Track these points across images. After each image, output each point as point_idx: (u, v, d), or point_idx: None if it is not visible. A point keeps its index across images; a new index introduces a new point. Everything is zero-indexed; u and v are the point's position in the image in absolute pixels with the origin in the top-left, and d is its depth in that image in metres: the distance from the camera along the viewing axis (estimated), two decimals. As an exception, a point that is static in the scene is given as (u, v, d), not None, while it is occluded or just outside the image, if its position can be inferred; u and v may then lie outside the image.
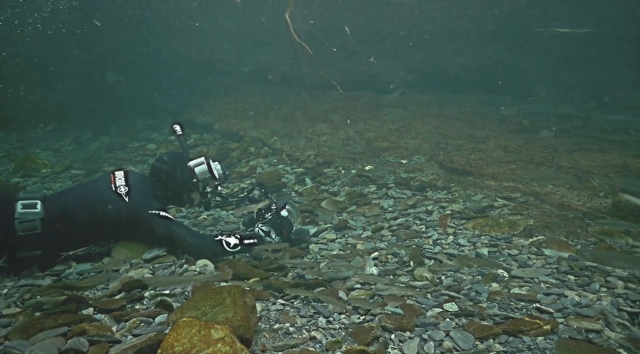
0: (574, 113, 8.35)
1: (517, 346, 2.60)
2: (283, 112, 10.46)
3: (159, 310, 2.49)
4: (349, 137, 8.54)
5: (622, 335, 2.75)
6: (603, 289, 3.36)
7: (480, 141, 7.81)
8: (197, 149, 9.23)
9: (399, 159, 7.45)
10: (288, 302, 3.01)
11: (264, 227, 4.33)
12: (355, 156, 7.69)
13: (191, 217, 5.80)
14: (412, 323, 2.81)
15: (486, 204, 5.50)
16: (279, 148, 8.37)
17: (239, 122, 10.15)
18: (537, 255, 4.12)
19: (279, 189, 6.79)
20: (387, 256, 4.29)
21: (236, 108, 11.23)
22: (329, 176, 7.03)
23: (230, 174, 7.52)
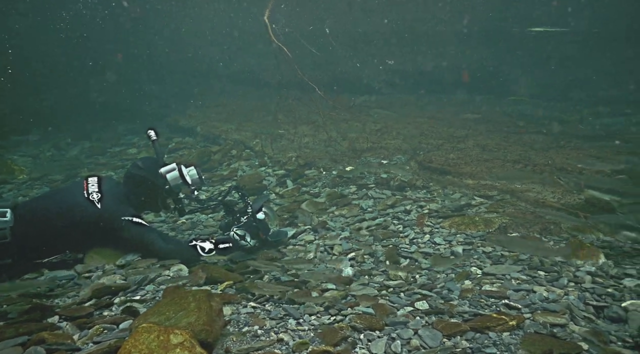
0: (552, 114, 8.50)
1: (483, 342, 2.63)
2: (266, 114, 10.45)
3: (124, 316, 2.48)
4: (330, 138, 8.56)
5: (586, 329, 2.81)
6: (571, 284, 3.43)
7: (460, 140, 7.90)
8: (179, 152, 9.18)
9: (379, 160, 7.50)
10: (259, 305, 3.01)
11: (239, 231, 4.32)
12: (337, 157, 7.71)
13: (170, 222, 5.76)
14: (382, 322, 2.83)
15: (464, 203, 5.56)
16: (261, 150, 8.36)
17: (222, 125, 10.11)
18: (511, 252, 4.18)
19: (259, 192, 6.78)
20: (363, 256, 4.32)
21: (219, 111, 11.18)
22: (310, 178, 7.04)
23: (211, 177, 7.50)
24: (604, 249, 4.18)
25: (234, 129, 9.75)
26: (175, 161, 4.52)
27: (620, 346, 2.63)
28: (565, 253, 3.89)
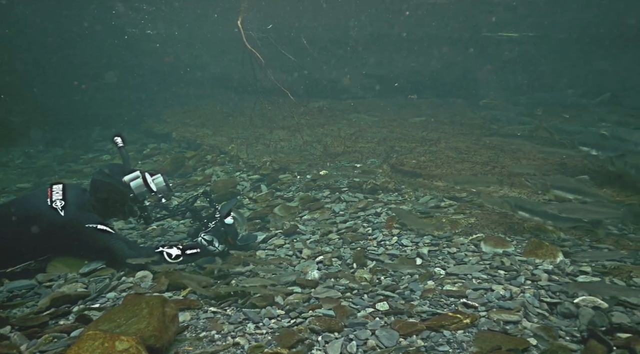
0: (518, 118, 8.71)
1: (438, 341, 2.70)
2: (242, 119, 10.45)
3: (76, 325, 2.46)
4: (306, 142, 8.61)
5: (537, 325, 2.90)
6: (528, 282, 3.53)
7: (432, 143, 8.04)
8: (153, 158, 9.09)
9: (353, 163, 7.57)
10: (220, 309, 3.02)
11: (206, 236, 4.31)
12: (311, 161, 7.75)
13: (140, 229, 5.70)
14: (342, 324, 2.87)
15: (433, 205, 5.66)
16: (236, 155, 8.35)
17: (197, 130, 10.06)
18: (474, 252, 4.28)
19: (233, 197, 6.76)
20: (331, 260, 4.36)
21: (195, 116, 11.12)
22: (284, 182, 7.07)
23: (185, 183, 7.45)
24: (563, 248, 4.33)
25: (210, 134, 9.72)
26: (140, 168, 4.49)
27: (568, 341, 2.73)
28: (437, 227, 4.72)
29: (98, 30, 13.37)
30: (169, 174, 7.91)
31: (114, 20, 13.41)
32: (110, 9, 12.25)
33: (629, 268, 3.75)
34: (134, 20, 13.77)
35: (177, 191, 7.12)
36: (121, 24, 13.74)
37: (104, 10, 12.56)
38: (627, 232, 4.70)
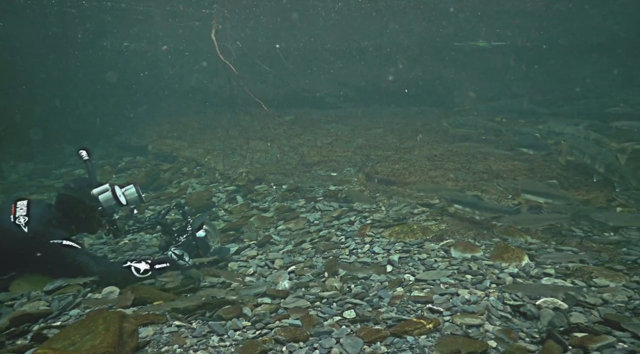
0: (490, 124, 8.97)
1: (401, 347, 2.73)
2: (219, 130, 10.43)
3: (31, 344, 2.41)
4: (283, 152, 8.63)
5: (499, 327, 2.96)
6: (493, 286, 3.60)
7: (407, 151, 8.16)
8: (129, 171, 8.99)
9: (329, 172, 7.63)
10: (185, 323, 2.99)
11: (176, 250, 4.28)
12: (288, 172, 7.78)
13: (111, 243, 5.61)
14: (307, 333, 2.88)
15: (406, 212, 5.73)
16: (213, 167, 8.32)
17: (174, 143, 10.00)
18: (444, 257, 4.34)
19: (208, 209, 6.73)
20: (303, 269, 4.36)
21: (171, 128, 11.05)
22: (260, 193, 7.06)
23: (159, 196, 7.38)
24: (529, 251, 4.43)
25: (186, 146, 9.66)
26: (109, 181, 4.44)
27: (527, 342, 2.79)
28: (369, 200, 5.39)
29: (72, 45, 13.23)
30: (144, 188, 7.82)
31: (88, 33, 13.30)
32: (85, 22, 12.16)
33: (591, 268, 3.86)
34: (109, 34, 13.68)
35: (152, 203, 7.04)
36: (95, 38, 13.62)
37: (78, 23, 12.44)
38: (591, 234, 4.84)
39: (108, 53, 13.15)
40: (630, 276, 3.70)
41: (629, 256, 4.23)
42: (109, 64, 12.49)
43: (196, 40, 12.41)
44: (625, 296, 3.28)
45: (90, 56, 12.81)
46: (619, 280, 3.61)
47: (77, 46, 12.67)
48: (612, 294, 3.32)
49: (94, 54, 12.72)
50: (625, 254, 4.29)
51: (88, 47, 12.77)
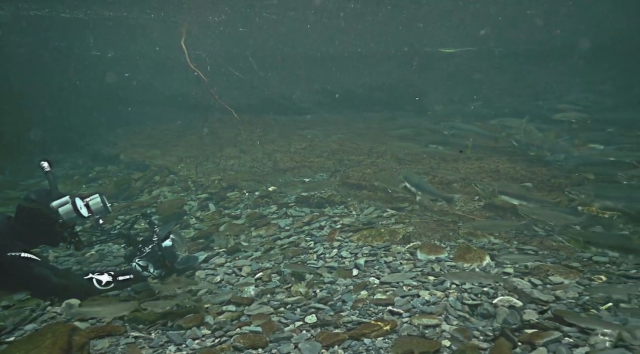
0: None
1: (358, 349, 2.77)
2: (193, 138, 10.36)
3: (-23, 360, 2.36)
4: (256, 159, 8.63)
5: (455, 327, 3.03)
6: (453, 286, 3.68)
7: (379, 156, 8.26)
8: (99, 181, 8.84)
9: (302, 178, 7.66)
10: (144, 334, 2.97)
11: (141, 261, 4.23)
12: (261, 178, 7.78)
13: (78, 255, 5.51)
14: (267, 340, 2.89)
15: (376, 216, 5.81)
16: (185, 175, 8.25)
17: (146, 151, 9.88)
18: (409, 260, 4.41)
19: (179, 217, 6.67)
20: (270, 275, 4.37)
21: (144, 137, 10.93)
22: (232, 200, 7.04)
23: (129, 205, 7.27)
24: (492, 251, 4.55)
25: (159, 154, 9.56)
26: (71, 192, 4.37)
27: (481, 340, 2.87)
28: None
29: (44, 53, 12.97)
30: (114, 197, 7.71)
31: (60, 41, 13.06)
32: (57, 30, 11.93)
33: (548, 267, 3.99)
34: (83, 42, 13.46)
35: (122, 213, 6.94)
36: (69, 45, 13.39)
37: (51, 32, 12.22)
38: (552, 233, 5.00)
39: (78, 60, 12.93)
40: (584, 273, 3.83)
41: (585, 253, 4.39)
42: (84, 72, 12.30)
43: (171, 47, 12.33)
44: (577, 292, 3.40)
45: (63, 64, 12.58)
46: (573, 277, 3.74)
47: (51, 55, 12.44)
48: (564, 291, 3.44)
49: (67, 62, 12.48)
50: (582, 252, 4.45)
51: (61, 55, 12.54)
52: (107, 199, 4.47)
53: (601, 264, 4.09)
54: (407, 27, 11.64)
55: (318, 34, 12.64)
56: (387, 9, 10.75)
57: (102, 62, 13.36)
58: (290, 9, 10.30)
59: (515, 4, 10.42)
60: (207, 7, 10.21)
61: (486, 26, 11.61)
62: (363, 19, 11.77)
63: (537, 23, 11.66)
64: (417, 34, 11.80)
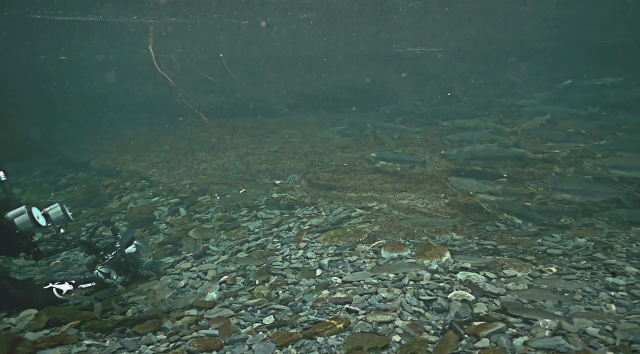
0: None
1: (311, 348, 2.82)
2: (166, 143, 10.28)
3: None
4: (229, 162, 8.62)
5: (408, 323, 3.11)
6: (411, 283, 3.77)
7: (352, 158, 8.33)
8: (68, 189, 8.70)
9: (274, 181, 7.69)
10: (99, 341, 2.96)
11: (103, 269, 4.20)
12: (232, 182, 7.77)
13: (43, 264, 5.43)
14: (222, 342, 2.92)
15: (344, 216, 5.87)
16: (157, 180, 8.19)
17: (118, 157, 9.77)
18: (372, 259, 4.49)
19: (148, 223, 6.63)
20: (235, 279, 4.39)
21: (115, 143, 10.79)
22: (203, 204, 7.03)
23: (98, 212, 7.19)
24: (453, 248, 4.66)
25: (131, 160, 9.46)
26: (26, 203, 4.29)
27: (432, 334, 2.95)
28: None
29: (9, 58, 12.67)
30: (83, 205, 7.61)
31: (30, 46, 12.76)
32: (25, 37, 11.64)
33: (504, 261, 4.11)
34: (51, 46, 13.19)
35: (89, 221, 6.85)
36: (39, 50, 13.10)
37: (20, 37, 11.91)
38: (513, 228, 5.15)
39: (44, 65, 12.67)
40: (537, 266, 3.97)
41: (542, 247, 4.55)
42: (44, 77, 12.04)
43: (143, 52, 12.20)
44: (527, 285, 3.52)
45: (26, 69, 12.30)
46: (526, 270, 3.87)
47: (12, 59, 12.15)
48: (515, 284, 3.56)
49: (30, 66, 12.22)
50: (539, 245, 4.60)
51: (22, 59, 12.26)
52: (76, 206, 4.43)
53: (555, 256, 4.25)
54: (379, 29, 11.77)
55: (292, 37, 12.68)
56: (357, 12, 10.87)
57: (71, 67, 13.11)
58: (261, 14, 10.33)
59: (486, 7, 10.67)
60: (178, 10, 10.15)
61: (456, 28, 11.85)
62: (335, 22, 11.86)
63: (506, 24, 11.95)
64: (389, 36, 11.95)
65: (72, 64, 12.97)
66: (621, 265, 3.81)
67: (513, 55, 11.70)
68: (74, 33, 10.92)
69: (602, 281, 3.45)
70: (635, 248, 4.28)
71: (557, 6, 9.63)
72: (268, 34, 12.03)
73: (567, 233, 4.82)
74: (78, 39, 11.27)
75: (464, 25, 11.43)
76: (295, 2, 9.75)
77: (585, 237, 4.63)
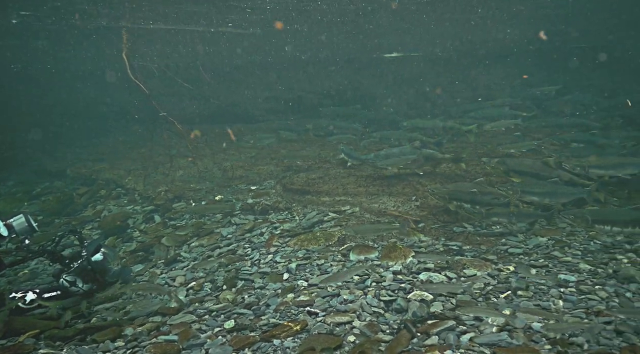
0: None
1: (267, 350, 2.86)
2: (143, 150, 10.23)
3: None
4: (205, 168, 8.62)
5: (365, 323, 3.17)
6: (374, 284, 3.84)
7: (326, 160, 8.42)
8: (42, 198, 8.60)
9: (249, 186, 7.71)
10: (55, 350, 2.96)
11: (68, 277, 4.18)
12: (208, 188, 7.77)
13: (10, 274, 5.36)
14: (179, 347, 2.94)
15: (317, 220, 5.92)
16: (132, 187, 8.15)
17: (94, 165, 9.69)
18: (340, 261, 4.55)
19: (122, 231, 6.60)
20: (202, 284, 4.41)
21: (92, 151, 10.70)
22: (178, 211, 7.01)
23: (70, 221, 7.12)
24: (419, 249, 4.75)
25: (107, 167, 9.39)
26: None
27: (387, 334, 3.01)
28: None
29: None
30: (56, 214, 7.53)
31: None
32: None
33: (466, 260, 4.21)
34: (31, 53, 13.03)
35: (61, 230, 6.77)
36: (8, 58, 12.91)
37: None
38: (479, 229, 5.26)
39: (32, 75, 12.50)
40: (496, 265, 4.07)
41: (504, 246, 4.66)
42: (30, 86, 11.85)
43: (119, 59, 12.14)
44: (483, 283, 3.62)
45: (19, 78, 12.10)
46: (485, 269, 3.97)
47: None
48: (472, 282, 3.65)
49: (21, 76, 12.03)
50: (502, 245, 4.71)
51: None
52: (48, 216, 4.40)
53: (515, 255, 4.36)
54: (356, 34, 11.92)
55: (268, 42, 12.74)
56: (335, 16, 10.99)
57: (43, 76, 12.95)
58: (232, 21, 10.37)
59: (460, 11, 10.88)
60: (153, 17, 10.14)
61: (431, 32, 12.06)
62: (314, 27, 11.98)
63: (480, 29, 12.21)
64: (365, 40, 12.10)
65: (44, 73, 12.80)
66: (575, 262, 3.93)
67: (487, 59, 11.94)
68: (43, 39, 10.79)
69: (555, 278, 3.56)
70: (592, 246, 4.42)
71: (530, 10, 9.88)
72: (246, 40, 12.10)
73: (529, 232, 4.94)
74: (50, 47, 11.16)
75: (441, 29, 11.65)
76: (273, 8, 9.83)
77: (546, 236, 4.76)
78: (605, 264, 3.83)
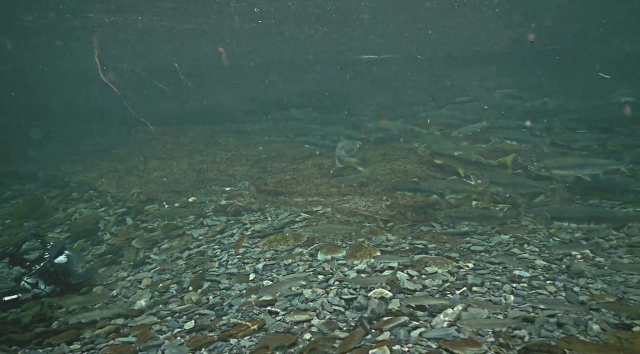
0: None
1: (223, 350, 2.88)
2: (119, 152, 10.11)
3: None
4: (181, 170, 8.58)
5: (323, 321, 3.22)
6: (336, 283, 3.89)
7: (301, 161, 8.45)
8: (12, 201, 8.43)
9: (224, 187, 7.70)
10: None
11: (29, 279, 4.13)
12: (182, 189, 7.73)
13: (-26, 280, 5.25)
14: (135, 349, 2.94)
15: (288, 221, 5.95)
16: (105, 190, 8.05)
17: (68, 167, 9.54)
18: (306, 261, 4.59)
19: (92, 234, 6.52)
20: (168, 286, 4.40)
21: (67, 153, 10.53)
22: (150, 213, 6.96)
23: (40, 224, 7.00)
24: (386, 247, 4.82)
25: (81, 170, 9.26)
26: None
27: (344, 331, 3.06)
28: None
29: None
30: (26, 217, 7.39)
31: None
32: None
33: (429, 259, 4.29)
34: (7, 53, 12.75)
35: (26, 234, 6.66)
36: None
37: None
38: (447, 228, 5.36)
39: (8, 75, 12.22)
40: (457, 262, 4.17)
41: (468, 244, 4.77)
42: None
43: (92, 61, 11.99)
44: (442, 280, 3.70)
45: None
46: (446, 267, 4.06)
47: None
48: (432, 280, 3.73)
49: None
50: (466, 243, 4.82)
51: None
52: (17, 219, 4.33)
53: (477, 252, 4.46)
54: (335, 36, 12.02)
55: (249, 44, 12.74)
56: (313, 19, 11.06)
57: (17, 77, 12.69)
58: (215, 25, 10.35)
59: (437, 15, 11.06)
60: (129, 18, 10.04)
61: (410, 34, 12.23)
62: (293, 30, 12.03)
63: (457, 32, 12.43)
64: (344, 42, 12.20)
65: (17, 73, 12.55)
66: (532, 258, 4.05)
67: (462, 60, 12.18)
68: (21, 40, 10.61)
69: (510, 274, 3.67)
70: (551, 242, 4.55)
71: (508, 12, 10.11)
72: (226, 40, 12.07)
73: (493, 231, 5.06)
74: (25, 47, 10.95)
75: (416, 31, 11.82)
76: (250, 9, 9.84)
77: (508, 234, 4.89)
78: (559, 260, 3.96)
